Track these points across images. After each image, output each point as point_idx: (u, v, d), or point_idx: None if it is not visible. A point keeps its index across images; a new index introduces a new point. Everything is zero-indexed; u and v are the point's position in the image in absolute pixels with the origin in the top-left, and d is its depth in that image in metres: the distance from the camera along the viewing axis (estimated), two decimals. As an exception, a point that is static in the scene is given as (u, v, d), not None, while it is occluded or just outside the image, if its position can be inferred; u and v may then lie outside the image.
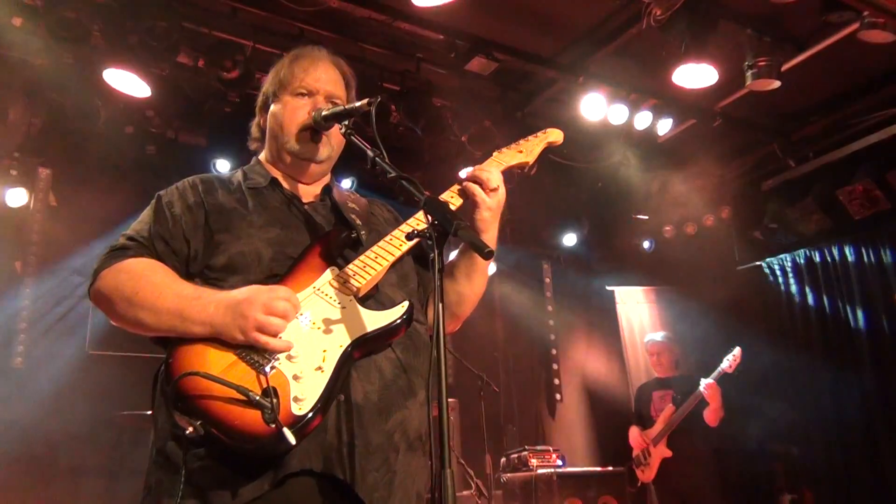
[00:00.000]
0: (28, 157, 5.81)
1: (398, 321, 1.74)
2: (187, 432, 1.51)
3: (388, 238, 1.89)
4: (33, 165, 5.87)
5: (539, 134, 2.25)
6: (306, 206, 1.99)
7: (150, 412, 1.80)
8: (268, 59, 5.23)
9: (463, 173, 2.07)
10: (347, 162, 2.13)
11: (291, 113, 2.01)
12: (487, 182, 1.96)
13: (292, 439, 1.51)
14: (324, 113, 1.95)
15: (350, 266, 1.83)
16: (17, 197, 5.82)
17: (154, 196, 1.98)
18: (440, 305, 1.54)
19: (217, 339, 1.67)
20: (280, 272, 1.80)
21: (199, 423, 1.52)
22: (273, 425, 1.50)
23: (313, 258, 1.84)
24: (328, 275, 1.80)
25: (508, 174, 2.13)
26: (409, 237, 1.76)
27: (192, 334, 1.68)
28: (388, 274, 1.87)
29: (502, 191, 2.00)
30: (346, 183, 6.50)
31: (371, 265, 1.82)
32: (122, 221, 5.73)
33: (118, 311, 1.77)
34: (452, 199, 1.98)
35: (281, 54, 2.17)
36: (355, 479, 1.62)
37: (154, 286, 1.75)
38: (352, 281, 1.79)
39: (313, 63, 2.07)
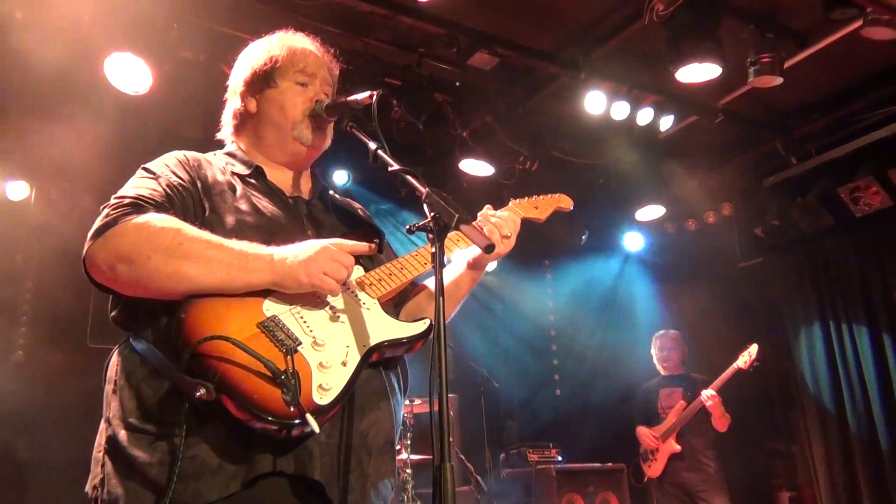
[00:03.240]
0: (29, 150, 5.81)
1: (418, 336, 1.77)
2: (197, 395, 1.43)
3: (414, 252, 1.93)
4: (34, 159, 5.87)
5: (553, 196, 2.38)
6: (291, 200, 1.97)
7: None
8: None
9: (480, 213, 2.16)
10: (337, 154, 2.16)
11: (294, 98, 1.98)
12: (501, 228, 2.05)
13: (316, 427, 1.48)
14: (326, 105, 1.96)
15: (377, 270, 1.86)
16: (19, 190, 5.82)
17: (140, 168, 1.85)
18: (440, 299, 1.54)
19: (238, 305, 1.61)
20: None
21: (211, 386, 1.45)
22: (294, 409, 1.47)
23: None
24: (356, 272, 1.81)
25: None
26: (409, 231, 1.76)
27: (246, 285, 1.61)
28: None
29: (513, 239, 2.09)
30: (342, 176, 6.50)
31: (397, 275, 1.87)
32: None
33: (148, 267, 1.57)
34: (461, 240, 2.03)
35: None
36: (330, 481, 1.58)
37: (199, 238, 1.62)
38: (377, 286, 1.83)
39: (308, 50, 2.06)
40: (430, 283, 2.09)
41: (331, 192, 2.13)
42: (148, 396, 1.57)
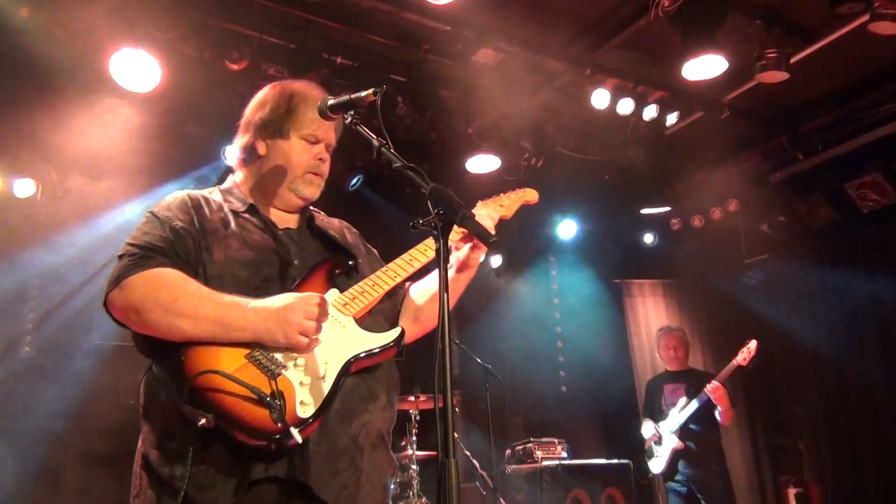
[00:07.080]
0: (35, 148, 5.83)
1: (391, 344, 1.95)
2: (199, 424, 1.64)
3: (384, 269, 2.10)
4: (41, 156, 5.88)
5: (518, 191, 2.46)
6: (281, 232, 2.12)
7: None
8: (274, 51, 5.26)
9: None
10: (352, 159, 2.20)
11: (300, 156, 2.14)
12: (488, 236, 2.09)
13: (299, 438, 1.68)
14: (330, 102, 1.98)
15: (351, 290, 2.03)
16: (25, 188, 5.84)
17: (147, 212, 2.04)
18: (444, 296, 1.56)
19: (228, 344, 1.81)
20: (254, 293, 1.90)
21: (210, 416, 1.66)
22: (280, 425, 1.67)
23: (318, 278, 2.03)
24: (331, 295, 2.00)
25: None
26: (413, 227, 1.79)
27: (231, 340, 1.82)
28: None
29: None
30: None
31: (369, 291, 2.03)
32: (130, 213, 5.78)
33: (150, 319, 1.82)
34: (427, 251, 2.13)
35: (287, 46, 2.20)
36: (319, 482, 1.76)
37: (192, 295, 1.84)
38: (351, 304, 1.99)
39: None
40: (420, 283, 2.26)
41: (317, 220, 2.26)
42: (169, 421, 1.80)
